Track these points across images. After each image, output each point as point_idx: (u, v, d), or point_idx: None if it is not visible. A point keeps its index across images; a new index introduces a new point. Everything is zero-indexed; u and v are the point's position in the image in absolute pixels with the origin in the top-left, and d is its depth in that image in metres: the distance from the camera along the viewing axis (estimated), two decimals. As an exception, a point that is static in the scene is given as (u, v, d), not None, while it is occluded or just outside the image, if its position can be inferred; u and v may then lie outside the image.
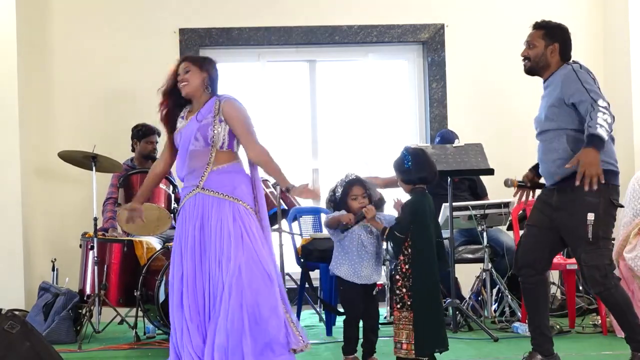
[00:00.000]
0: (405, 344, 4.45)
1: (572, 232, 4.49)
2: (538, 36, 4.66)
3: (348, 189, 4.77)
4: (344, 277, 4.72)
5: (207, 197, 4.48)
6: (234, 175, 4.54)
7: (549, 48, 4.62)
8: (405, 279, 4.48)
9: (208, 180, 4.49)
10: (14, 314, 4.29)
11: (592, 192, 4.34)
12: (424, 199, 4.56)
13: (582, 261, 4.47)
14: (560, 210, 4.52)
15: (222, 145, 4.51)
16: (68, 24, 7.58)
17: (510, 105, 7.87)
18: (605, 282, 4.43)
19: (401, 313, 4.48)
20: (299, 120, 8.05)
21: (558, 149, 4.52)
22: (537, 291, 4.64)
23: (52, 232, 7.38)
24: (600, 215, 4.42)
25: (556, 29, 4.68)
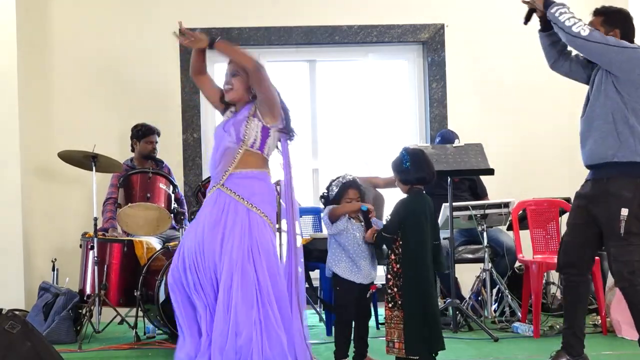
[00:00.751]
0: (398, 343, 4.46)
1: (605, 225, 4.48)
2: (598, 23, 4.59)
3: (344, 191, 4.76)
4: (342, 275, 4.71)
5: (226, 196, 4.31)
6: (255, 181, 4.36)
7: (609, 34, 4.54)
8: (396, 278, 4.49)
9: (228, 180, 4.32)
10: (14, 314, 4.29)
11: (627, 186, 4.37)
12: (420, 200, 4.56)
13: (611, 255, 4.45)
14: (594, 202, 4.51)
15: (253, 145, 4.34)
16: (68, 24, 7.58)
17: (511, 105, 7.88)
18: (632, 279, 4.41)
19: (392, 312, 4.49)
20: (299, 120, 8.04)
21: (602, 128, 4.47)
22: (578, 291, 4.62)
23: (52, 232, 7.38)
24: (633, 211, 4.40)
25: (616, 13, 4.62)
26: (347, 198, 4.76)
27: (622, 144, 4.43)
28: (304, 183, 7.88)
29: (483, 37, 7.93)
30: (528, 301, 6.17)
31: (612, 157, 4.43)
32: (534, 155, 7.84)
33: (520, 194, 6.71)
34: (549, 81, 8.03)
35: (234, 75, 4.45)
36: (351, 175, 4.84)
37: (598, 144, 4.49)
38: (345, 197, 4.76)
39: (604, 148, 4.46)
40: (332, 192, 4.78)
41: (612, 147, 4.44)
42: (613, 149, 4.44)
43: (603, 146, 4.47)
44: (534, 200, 6.47)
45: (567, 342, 4.63)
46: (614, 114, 4.45)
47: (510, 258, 6.54)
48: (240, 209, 4.28)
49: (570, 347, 4.61)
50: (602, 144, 4.47)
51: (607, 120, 4.46)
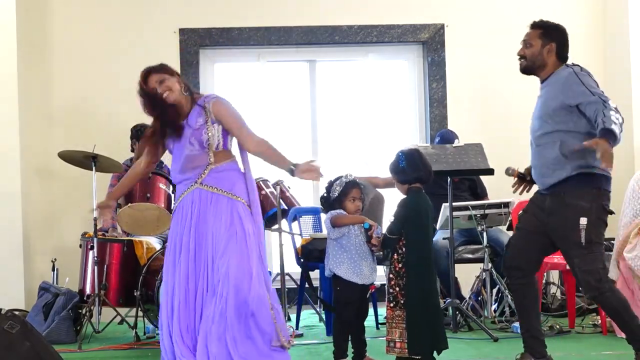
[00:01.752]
0: (399, 343, 4.45)
1: (565, 237, 4.48)
2: (535, 35, 4.64)
3: (348, 190, 4.76)
4: (344, 276, 4.71)
5: (206, 193, 4.49)
6: (232, 173, 4.57)
7: (545, 48, 4.60)
8: (398, 278, 4.49)
9: (207, 178, 4.50)
10: (14, 314, 4.29)
11: (584, 197, 4.39)
12: (419, 199, 4.57)
13: (575, 266, 4.46)
14: (553, 215, 4.51)
15: (218, 146, 4.52)
16: (68, 24, 7.58)
17: (510, 105, 7.87)
18: (600, 287, 4.42)
19: (394, 312, 4.48)
20: (299, 120, 8.04)
21: (551, 154, 4.51)
22: (525, 293, 4.63)
23: (52, 232, 7.38)
24: (592, 220, 4.41)
25: (553, 28, 4.67)
26: (351, 197, 4.76)
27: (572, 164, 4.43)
28: (304, 183, 7.87)
29: (483, 37, 7.92)
30: (528, 301, 6.16)
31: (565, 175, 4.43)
32: (534, 155, 7.82)
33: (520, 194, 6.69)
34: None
35: (162, 82, 4.54)
36: (351, 175, 4.84)
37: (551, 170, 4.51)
38: (349, 196, 4.76)
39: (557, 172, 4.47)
40: (335, 193, 4.76)
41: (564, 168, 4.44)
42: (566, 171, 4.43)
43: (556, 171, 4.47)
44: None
45: (527, 344, 4.62)
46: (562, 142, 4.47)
47: (510, 258, 6.53)
48: (222, 202, 4.46)
49: (532, 349, 4.60)
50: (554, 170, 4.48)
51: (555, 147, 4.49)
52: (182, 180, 4.58)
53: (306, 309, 6.88)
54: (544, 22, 4.70)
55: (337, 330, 4.78)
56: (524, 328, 4.64)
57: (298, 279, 6.61)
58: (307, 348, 5.65)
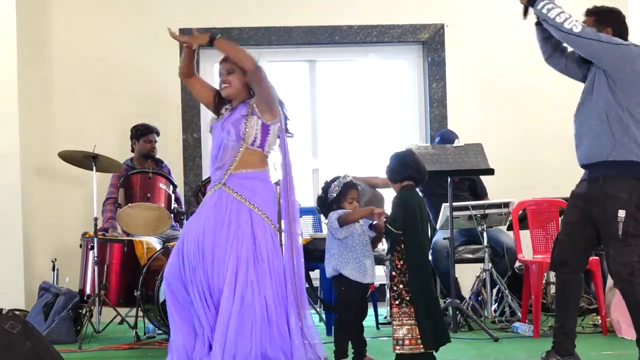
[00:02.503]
0: (408, 340, 4.46)
1: (603, 227, 4.48)
2: (590, 22, 4.58)
3: (346, 192, 4.76)
4: (351, 276, 4.71)
5: (228, 196, 4.32)
6: (256, 181, 4.38)
7: (602, 33, 4.53)
8: (401, 275, 4.50)
9: (230, 180, 4.34)
10: (14, 314, 4.28)
11: (624, 188, 4.38)
12: (411, 196, 4.61)
13: (610, 257, 4.46)
14: (591, 203, 4.50)
15: (254, 142, 4.36)
16: (68, 24, 7.58)
17: (511, 105, 7.88)
18: (631, 280, 4.41)
19: (400, 309, 4.49)
20: (299, 120, 8.03)
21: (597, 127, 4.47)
22: (570, 289, 4.62)
23: (52, 232, 7.38)
24: (631, 212, 4.40)
25: (607, 12, 4.63)
26: (350, 198, 4.76)
27: (616, 143, 4.42)
28: (304, 183, 7.88)
29: (483, 37, 7.92)
30: (528, 301, 6.17)
31: (607, 156, 4.43)
32: (534, 155, 7.84)
33: (520, 194, 6.71)
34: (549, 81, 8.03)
35: (229, 72, 4.46)
36: (349, 176, 4.84)
37: (593, 144, 4.49)
38: (348, 197, 4.76)
39: (598, 147, 4.46)
40: (332, 194, 4.76)
41: (606, 146, 4.44)
42: (607, 148, 4.43)
43: (597, 145, 4.46)
44: (534, 200, 6.46)
45: (557, 341, 4.61)
46: (607, 113, 4.45)
47: (510, 258, 6.54)
48: (242, 210, 4.30)
49: (560, 346, 4.59)
50: (596, 144, 4.47)
51: (601, 119, 4.46)
52: (213, 173, 4.43)
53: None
54: (597, 8, 4.65)
55: (337, 330, 4.79)
56: (558, 323, 4.64)
57: (298, 279, 6.60)
58: None
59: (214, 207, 4.33)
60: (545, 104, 7.87)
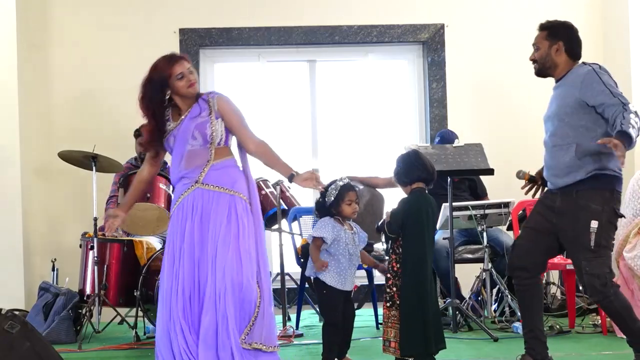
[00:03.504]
0: (394, 343, 4.47)
1: (574, 238, 4.46)
2: (542, 37, 4.62)
3: (344, 194, 4.75)
4: (330, 283, 4.70)
5: (207, 192, 4.49)
6: (231, 169, 4.58)
7: (553, 47, 4.58)
8: (396, 278, 4.50)
9: (207, 176, 4.50)
10: (14, 314, 4.28)
11: (596, 199, 4.38)
12: (420, 199, 4.57)
13: (582, 269, 4.44)
14: (562, 216, 4.49)
15: (220, 142, 4.53)
16: (68, 24, 7.59)
17: (511, 105, 7.88)
18: (605, 291, 4.40)
19: (390, 311, 4.49)
20: (299, 120, 8.05)
21: (566, 157, 4.47)
22: (531, 294, 4.61)
23: (52, 232, 7.38)
24: (603, 224, 4.39)
25: (559, 27, 4.64)
26: (348, 200, 4.75)
27: (587, 167, 4.41)
28: (304, 183, 7.87)
29: (483, 37, 7.93)
30: (528, 301, 6.16)
31: (580, 177, 4.42)
32: (534, 155, 7.80)
33: (520, 194, 6.67)
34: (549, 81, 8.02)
35: (192, 72, 4.60)
36: (346, 178, 4.83)
37: (564, 172, 4.48)
38: (346, 199, 4.75)
39: (571, 174, 4.45)
40: (330, 197, 4.74)
41: (578, 171, 4.43)
42: (580, 174, 4.42)
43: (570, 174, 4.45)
44: (534, 200, 6.44)
45: (530, 346, 4.60)
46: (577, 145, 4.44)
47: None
48: (223, 200, 4.46)
49: (533, 350, 4.58)
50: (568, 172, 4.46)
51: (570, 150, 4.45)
52: (181, 179, 4.56)
53: (306, 309, 6.88)
54: (549, 23, 4.67)
55: (327, 333, 4.77)
56: (526, 328, 4.63)
57: (298, 279, 6.61)
58: (307, 348, 5.66)
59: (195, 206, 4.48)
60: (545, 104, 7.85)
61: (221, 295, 4.36)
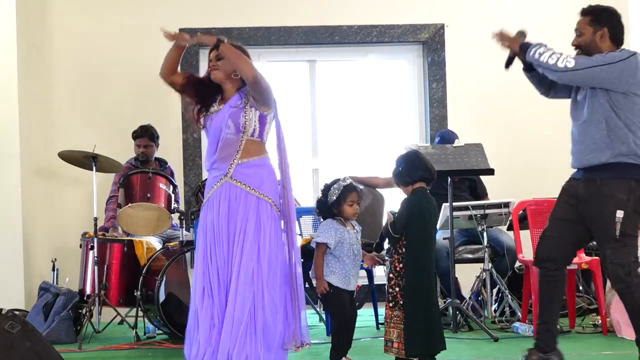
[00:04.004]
0: (397, 343, 4.45)
1: (600, 228, 4.45)
2: (585, 22, 4.57)
3: (346, 194, 4.74)
4: (336, 284, 4.70)
5: (235, 188, 4.36)
6: (262, 169, 4.44)
7: (597, 33, 4.54)
8: (399, 278, 4.48)
9: (236, 171, 4.38)
10: (14, 314, 4.28)
11: (621, 188, 4.37)
12: (422, 200, 4.56)
13: (607, 257, 4.44)
14: (587, 204, 4.48)
15: (253, 133, 4.40)
16: (68, 24, 7.58)
17: (510, 105, 7.87)
18: (629, 280, 4.40)
19: (393, 312, 4.48)
20: (299, 120, 8.05)
21: (595, 133, 4.45)
22: (555, 286, 4.60)
23: (52, 232, 7.38)
24: (629, 213, 4.38)
25: (603, 12, 4.59)
26: (350, 201, 4.74)
27: (614, 150, 4.41)
28: (304, 183, 7.89)
29: (483, 37, 7.87)
30: (528, 301, 6.17)
31: (604, 161, 4.42)
32: (534, 155, 7.83)
33: (520, 194, 6.71)
34: (549, 81, 8.01)
35: (219, 59, 4.49)
36: (348, 178, 4.82)
37: (590, 150, 4.47)
38: (348, 200, 4.74)
39: (596, 153, 4.45)
40: (332, 197, 4.74)
41: (604, 154, 4.42)
42: (606, 155, 4.42)
43: (595, 151, 4.45)
44: (534, 200, 6.46)
45: (540, 338, 4.61)
46: (607, 121, 4.43)
47: (510, 258, 6.54)
48: (250, 201, 4.34)
49: (543, 342, 4.59)
50: (594, 150, 4.45)
51: (600, 127, 4.44)
52: (213, 168, 4.45)
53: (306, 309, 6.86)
54: (593, 8, 4.62)
55: (337, 331, 4.77)
56: (541, 319, 4.63)
57: (298, 279, 6.59)
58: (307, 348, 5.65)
59: (223, 201, 4.36)
60: (545, 104, 7.84)
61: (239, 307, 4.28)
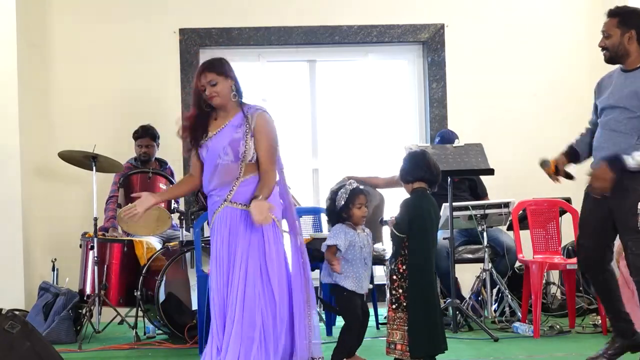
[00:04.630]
0: (400, 345, 4.44)
1: (622, 220, 4.49)
2: (613, 25, 4.55)
3: (354, 198, 4.74)
4: (350, 288, 4.71)
5: (235, 211, 4.37)
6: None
7: (625, 36, 4.51)
8: (402, 280, 4.47)
9: (236, 194, 4.38)
10: (14, 314, 4.28)
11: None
12: (422, 200, 4.56)
13: (628, 248, 4.48)
14: (610, 197, 4.49)
15: (252, 159, 4.40)
16: (68, 24, 7.58)
17: (510, 105, 7.88)
18: None
19: (396, 314, 4.47)
20: (299, 120, 8.04)
21: (628, 142, 4.45)
22: (610, 284, 4.67)
23: (52, 232, 7.38)
24: None
25: (631, 14, 4.56)
26: (358, 204, 4.74)
27: None
28: (304, 183, 7.88)
29: (483, 37, 7.92)
30: (528, 301, 6.17)
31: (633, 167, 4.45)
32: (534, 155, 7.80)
33: (520, 194, 6.71)
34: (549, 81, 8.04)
35: (214, 85, 4.42)
36: (353, 182, 4.82)
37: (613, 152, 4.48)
38: (356, 203, 4.74)
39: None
40: (341, 202, 4.74)
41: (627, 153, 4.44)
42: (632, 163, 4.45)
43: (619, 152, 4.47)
44: (534, 200, 6.46)
45: (619, 327, 4.67)
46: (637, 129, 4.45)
47: (510, 258, 6.54)
48: (250, 220, 4.30)
49: (622, 331, 4.66)
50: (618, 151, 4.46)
51: (632, 136, 4.45)
52: (213, 194, 4.44)
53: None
54: (620, 9, 4.60)
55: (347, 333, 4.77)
56: (612, 313, 4.71)
57: (298, 279, 6.59)
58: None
59: (225, 225, 4.37)
60: (545, 104, 7.87)
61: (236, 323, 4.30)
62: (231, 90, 4.45)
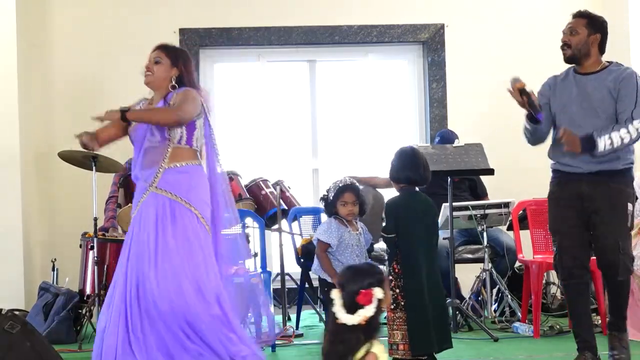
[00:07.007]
0: (402, 345, 4.44)
1: (611, 219, 4.49)
2: (581, 24, 4.62)
3: (340, 194, 4.75)
4: None
5: (162, 198, 4.25)
6: (190, 176, 4.31)
7: (591, 37, 4.59)
8: (397, 279, 4.48)
9: (162, 180, 4.26)
10: (14, 314, 4.29)
11: (629, 184, 4.51)
12: (409, 199, 4.54)
13: (620, 248, 4.48)
14: (595, 200, 4.49)
15: (180, 140, 4.29)
16: (68, 24, 7.58)
17: (510, 105, 7.80)
18: (632, 269, 4.56)
19: (395, 314, 4.47)
20: (299, 120, 8.05)
21: None
22: (587, 290, 4.67)
23: (52, 232, 7.38)
24: (635, 206, 4.60)
25: (599, 19, 4.66)
26: (342, 201, 4.76)
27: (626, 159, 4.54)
28: (304, 183, 7.89)
29: (483, 37, 7.93)
30: (528, 301, 6.17)
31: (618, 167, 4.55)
32: (534, 155, 7.81)
33: (520, 194, 6.71)
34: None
35: (156, 62, 4.41)
36: (350, 178, 4.83)
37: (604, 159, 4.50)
38: (341, 199, 4.75)
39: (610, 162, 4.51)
40: (330, 195, 4.78)
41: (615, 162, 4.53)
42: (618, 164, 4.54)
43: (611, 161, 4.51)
44: (534, 200, 6.46)
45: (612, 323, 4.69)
46: None
47: (510, 258, 6.54)
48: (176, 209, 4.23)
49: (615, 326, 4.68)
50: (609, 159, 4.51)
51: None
52: (139, 179, 4.33)
53: (306, 309, 6.87)
54: (589, 13, 4.68)
55: None
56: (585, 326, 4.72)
57: (298, 279, 6.60)
58: (307, 348, 5.66)
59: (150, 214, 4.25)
60: (545, 104, 7.86)
61: None
62: (170, 79, 4.38)
